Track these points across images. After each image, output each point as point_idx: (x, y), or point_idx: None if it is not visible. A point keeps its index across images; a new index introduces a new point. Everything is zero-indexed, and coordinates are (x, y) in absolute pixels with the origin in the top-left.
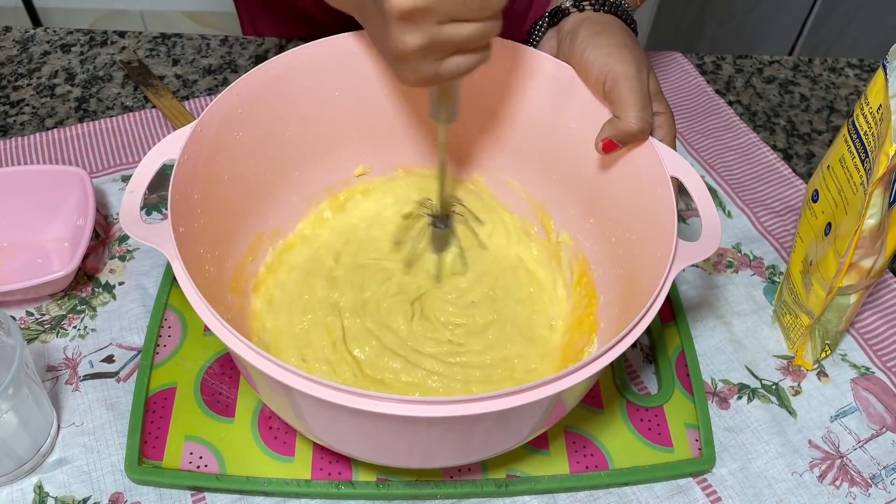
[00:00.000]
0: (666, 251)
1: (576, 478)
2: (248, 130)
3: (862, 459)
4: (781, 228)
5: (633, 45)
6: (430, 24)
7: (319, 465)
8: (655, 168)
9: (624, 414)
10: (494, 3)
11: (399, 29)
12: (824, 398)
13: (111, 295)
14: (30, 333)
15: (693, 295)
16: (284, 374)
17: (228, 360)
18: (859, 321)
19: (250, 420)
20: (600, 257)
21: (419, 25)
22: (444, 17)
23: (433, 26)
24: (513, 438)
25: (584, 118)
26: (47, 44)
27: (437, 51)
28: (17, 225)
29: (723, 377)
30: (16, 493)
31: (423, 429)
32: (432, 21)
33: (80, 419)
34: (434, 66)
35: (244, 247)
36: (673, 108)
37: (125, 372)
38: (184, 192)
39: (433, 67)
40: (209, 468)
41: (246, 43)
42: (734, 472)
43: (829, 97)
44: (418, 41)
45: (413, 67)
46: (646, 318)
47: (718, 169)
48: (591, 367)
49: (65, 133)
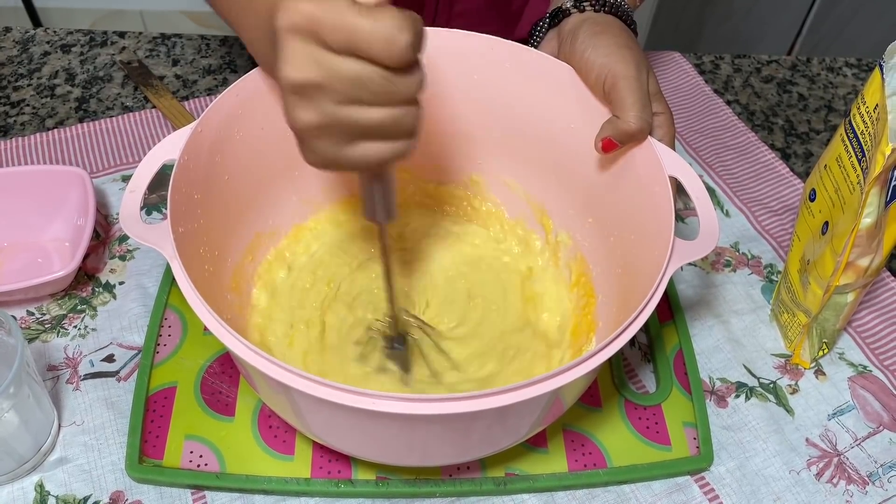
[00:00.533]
0: (663, 249)
1: (574, 476)
2: (247, 131)
3: (859, 457)
4: (779, 227)
5: (633, 46)
6: (327, 103)
7: (319, 463)
8: (654, 168)
9: (622, 412)
10: (403, 88)
11: (292, 102)
12: (822, 396)
13: (111, 294)
14: (30, 333)
15: (691, 294)
16: (283, 374)
17: (228, 359)
18: (857, 320)
19: (250, 419)
20: (599, 257)
21: (313, 102)
22: (342, 97)
23: (329, 105)
24: (511, 436)
25: (583, 118)
26: (47, 44)
27: (338, 134)
28: (18, 225)
29: (721, 376)
30: (17, 492)
31: (422, 427)
32: (328, 100)
33: (80, 418)
34: (337, 149)
35: (243, 247)
36: (672, 108)
37: (125, 371)
38: (183, 192)
39: (336, 151)
40: (209, 467)
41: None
42: (732, 471)
43: (827, 97)
44: (312, 119)
45: (312, 148)
46: (643, 314)
47: (717, 168)
48: (588, 363)
49: (65, 133)
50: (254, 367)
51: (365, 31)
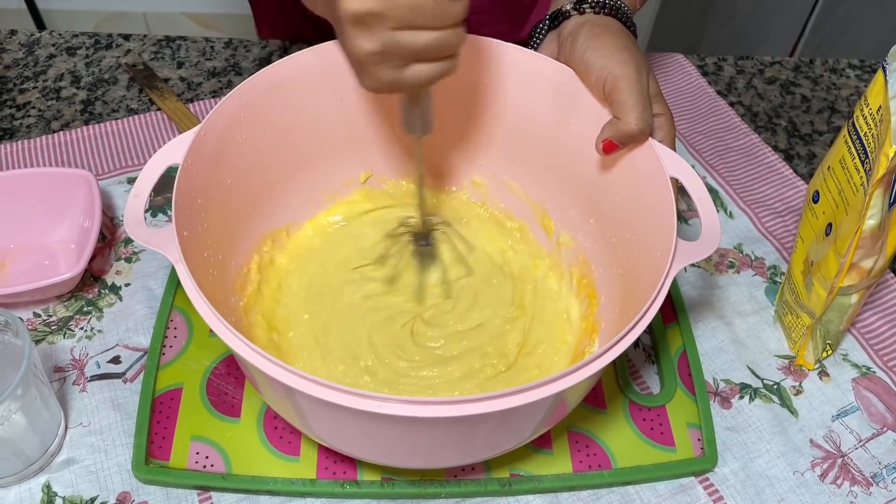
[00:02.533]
0: (666, 251)
1: (579, 477)
2: (250, 134)
3: (863, 458)
4: (783, 229)
5: (633, 48)
6: (385, 30)
7: (324, 464)
8: (655, 168)
9: (626, 413)
10: (453, 12)
11: (353, 33)
12: (825, 398)
13: (117, 296)
14: (37, 334)
15: (695, 295)
16: (287, 376)
17: (234, 361)
18: (860, 321)
19: (256, 420)
20: (601, 258)
21: (373, 30)
22: (398, 24)
23: (387, 32)
24: (516, 438)
25: (584, 120)
26: (53, 47)
27: (394, 57)
28: (25, 227)
29: (725, 377)
30: (24, 493)
31: (427, 429)
32: (386, 27)
33: (87, 419)
34: (393, 73)
35: (247, 250)
36: (674, 110)
37: (132, 373)
38: (188, 196)
39: (393, 74)
40: (215, 468)
41: (250, 45)
42: (736, 472)
43: (830, 98)
44: (372, 46)
45: (371, 73)
46: (646, 317)
47: (720, 170)
48: (592, 365)
49: (70, 136)
50: (258, 369)
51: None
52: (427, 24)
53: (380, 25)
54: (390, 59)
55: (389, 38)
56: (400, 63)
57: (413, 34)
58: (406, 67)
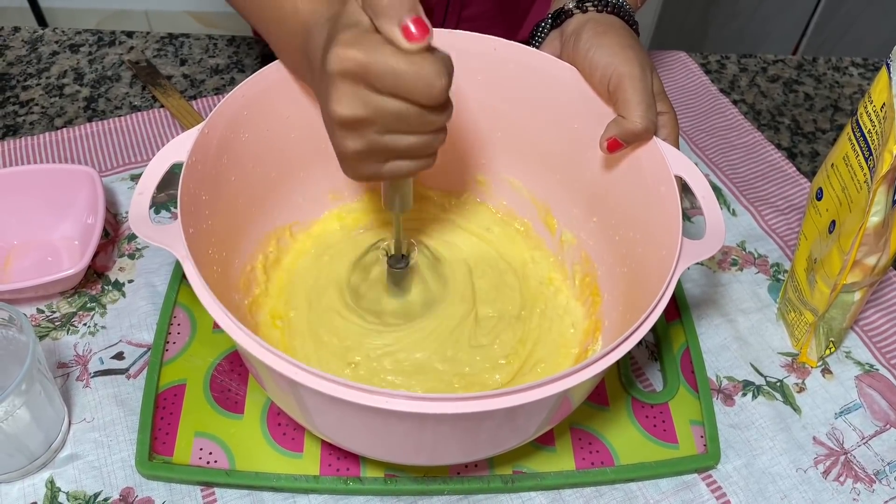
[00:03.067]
0: (670, 249)
1: (582, 474)
2: (254, 132)
3: (866, 456)
4: (786, 226)
5: (637, 46)
6: (371, 133)
7: (328, 461)
8: (659, 167)
9: (629, 411)
10: (437, 121)
11: (340, 133)
12: (829, 395)
13: (121, 292)
14: (41, 330)
15: (698, 293)
16: (292, 370)
17: (237, 357)
18: (863, 318)
19: (259, 416)
20: (604, 256)
21: (359, 133)
22: (383, 129)
23: (373, 135)
24: (519, 435)
25: (587, 118)
26: (56, 44)
27: (378, 156)
28: (28, 223)
29: (728, 374)
30: (28, 488)
31: (432, 426)
32: (372, 131)
33: (90, 415)
34: (374, 167)
35: (251, 247)
36: (677, 108)
37: (135, 368)
38: (192, 193)
39: (373, 168)
40: (219, 464)
41: (253, 43)
42: (739, 469)
43: (833, 96)
44: (358, 146)
45: (353, 167)
46: (651, 317)
47: (723, 168)
48: (597, 364)
49: (74, 132)
50: (263, 363)
51: (408, 76)
52: (411, 130)
53: (367, 129)
54: (374, 157)
55: (375, 141)
56: (382, 160)
57: (397, 137)
58: (388, 163)
